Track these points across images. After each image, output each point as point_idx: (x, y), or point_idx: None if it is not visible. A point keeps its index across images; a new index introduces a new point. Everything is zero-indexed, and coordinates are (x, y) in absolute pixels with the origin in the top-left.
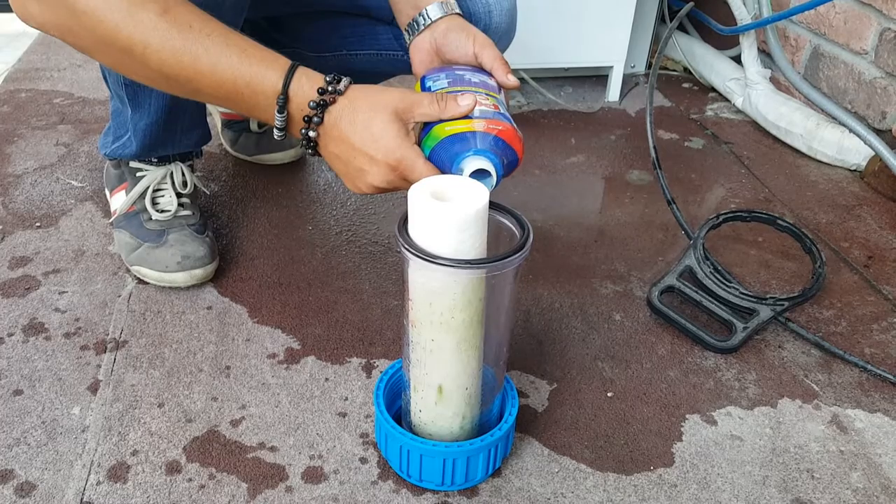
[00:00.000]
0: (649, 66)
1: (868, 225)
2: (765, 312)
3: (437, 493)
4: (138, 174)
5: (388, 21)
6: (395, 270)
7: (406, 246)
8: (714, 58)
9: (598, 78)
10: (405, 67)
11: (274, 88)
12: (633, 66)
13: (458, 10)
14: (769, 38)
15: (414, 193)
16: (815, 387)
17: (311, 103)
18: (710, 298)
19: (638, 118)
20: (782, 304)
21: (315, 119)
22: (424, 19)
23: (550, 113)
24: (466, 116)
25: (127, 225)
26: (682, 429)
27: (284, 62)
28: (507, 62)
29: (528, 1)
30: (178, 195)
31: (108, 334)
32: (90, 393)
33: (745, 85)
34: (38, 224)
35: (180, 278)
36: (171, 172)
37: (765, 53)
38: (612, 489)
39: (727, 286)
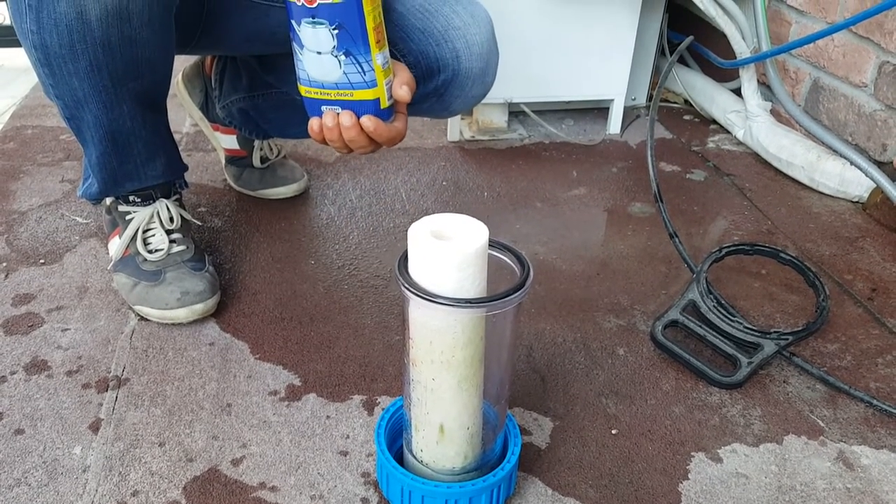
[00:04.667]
0: (650, 98)
1: (871, 257)
2: (769, 347)
3: None
4: (127, 217)
5: None
6: (397, 304)
7: (406, 285)
8: (714, 90)
9: (599, 110)
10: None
11: None
12: (634, 99)
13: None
14: (769, 71)
15: (413, 232)
16: (820, 422)
17: None
18: (714, 333)
19: (639, 150)
20: (786, 339)
21: None
22: None
23: (552, 145)
24: None
25: (123, 268)
26: (687, 467)
27: None
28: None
29: (529, 34)
30: (168, 232)
31: (110, 372)
32: (91, 432)
33: (745, 117)
34: (42, 261)
35: (182, 314)
36: (157, 211)
37: (765, 86)
38: None
39: (731, 320)
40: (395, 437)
